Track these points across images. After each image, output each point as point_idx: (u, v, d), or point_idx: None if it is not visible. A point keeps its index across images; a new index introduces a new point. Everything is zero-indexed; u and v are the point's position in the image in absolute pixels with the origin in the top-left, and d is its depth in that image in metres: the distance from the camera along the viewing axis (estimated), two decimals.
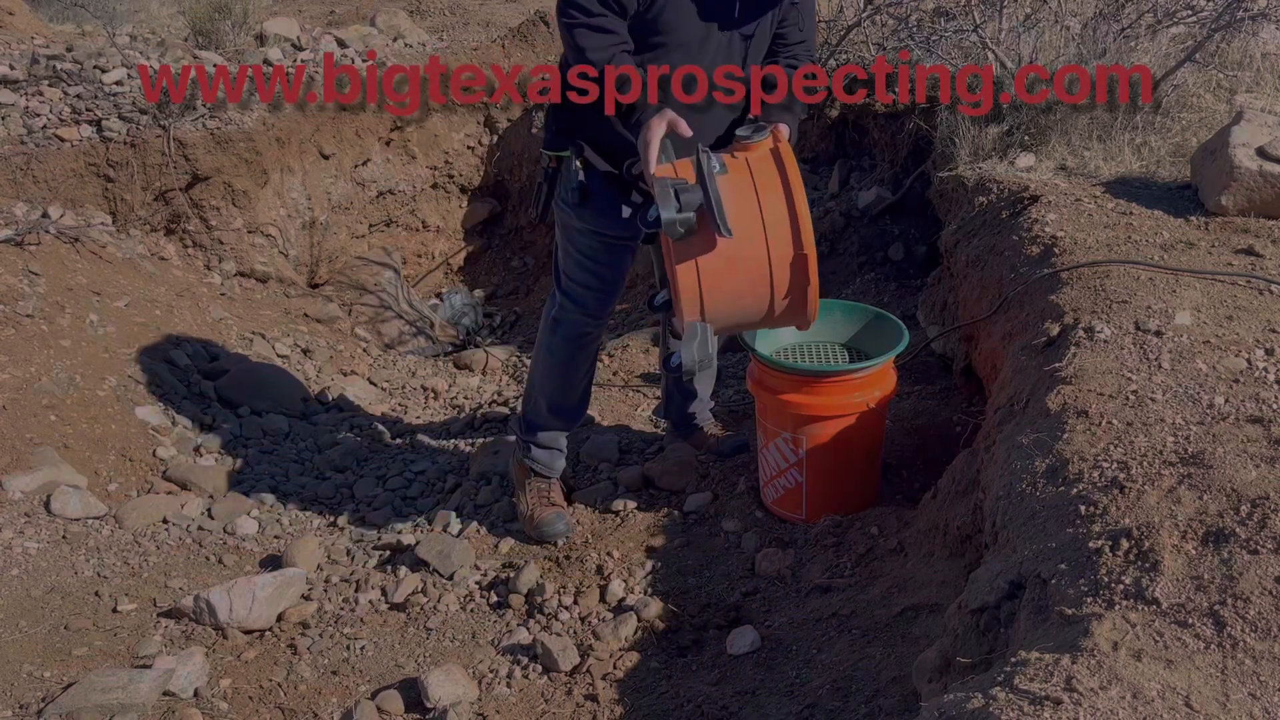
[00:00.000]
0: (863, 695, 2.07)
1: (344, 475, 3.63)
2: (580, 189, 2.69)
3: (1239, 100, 3.40)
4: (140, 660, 2.54)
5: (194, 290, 4.57)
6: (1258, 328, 2.25)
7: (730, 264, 2.21)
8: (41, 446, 3.26)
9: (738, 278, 2.23)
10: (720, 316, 2.28)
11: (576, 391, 3.04)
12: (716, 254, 2.19)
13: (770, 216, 2.21)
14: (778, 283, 2.25)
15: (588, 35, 2.38)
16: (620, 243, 2.80)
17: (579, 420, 3.12)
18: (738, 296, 2.26)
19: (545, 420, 3.06)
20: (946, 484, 2.52)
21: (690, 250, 2.19)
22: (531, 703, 2.36)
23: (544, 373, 3.02)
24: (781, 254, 2.22)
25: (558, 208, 2.81)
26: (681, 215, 2.12)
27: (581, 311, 2.90)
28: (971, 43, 3.87)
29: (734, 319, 2.33)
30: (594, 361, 3.06)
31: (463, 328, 5.51)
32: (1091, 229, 2.84)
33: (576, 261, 2.85)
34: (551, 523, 2.99)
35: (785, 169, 2.24)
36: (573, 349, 2.95)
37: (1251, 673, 1.32)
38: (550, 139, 2.76)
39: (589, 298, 2.88)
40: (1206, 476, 1.70)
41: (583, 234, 2.79)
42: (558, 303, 2.93)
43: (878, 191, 4.45)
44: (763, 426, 2.92)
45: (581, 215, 2.75)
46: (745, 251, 2.21)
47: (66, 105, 4.64)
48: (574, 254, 2.84)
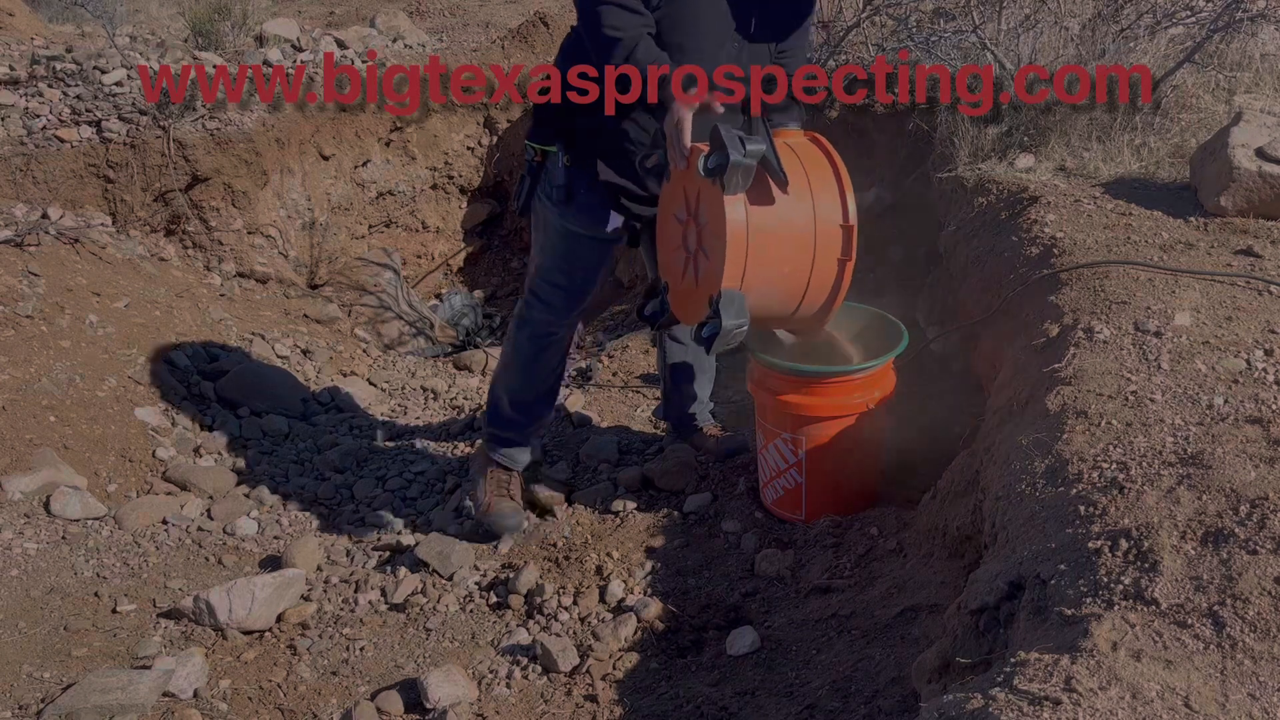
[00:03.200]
0: (862, 696, 2.07)
1: (344, 476, 3.63)
2: (565, 188, 2.66)
3: (1238, 101, 3.40)
4: (140, 661, 2.54)
5: (194, 291, 4.57)
6: (1257, 328, 2.25)
7: (780, 225, 2.22)
8: (41, 447, 3.26)
9: (783, 245, 2.25)
10: (757, 287, 2.27)
11: (539, 389, 3.01)
12: (769, 212, 2.21)
13: (818, 185, 2.26)
14: (820, 257, 2.27)
15: (617, 14, 2.34)
16: (599, 245, 2.77)
17: (541, 417, 3.09)
18: (779, 264, 2.27)
19: (507, 414, 3.04)
20: (946, 484, 2.52)
21: (741, 210, 2.20)
22: (531, 703, 2.36)
23: (505, 367, 3.01)
24: (828, 225, 2.25)
25: (539, 202, 2.77)
26: (747, 160, 2.12)
27: (547, 310, 2.88)
28: (971, 43, 3.86)
29: (767, 297, 2.32)
30: (561, 360, 3.03)
31: (462, 328, 5.51)
32: (1091, 229, 2.84)
33: (551, 259, 2.82)
34: (504, 516, 2.97)
35: (828, 151, 2.32)
36: (536, 348, 2.93)
37: (1251, 673, 1.32)
38: (535, 131, 2.71)
39: (557, 297, 2.85)
40: (1206, 477, 1.70)
41: (561, 232, 2.76)
42: (526, 300, 2.92)
43: (877, 191, 4.45)
44: (763, 427, 2.92)
45: (564, 214, 2.72)
46: (794, 217, 2.23)
47: (66, 106, 4.64)
48: (549, 251, 2.81)
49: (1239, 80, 3.68)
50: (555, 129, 2.69)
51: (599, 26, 2.36)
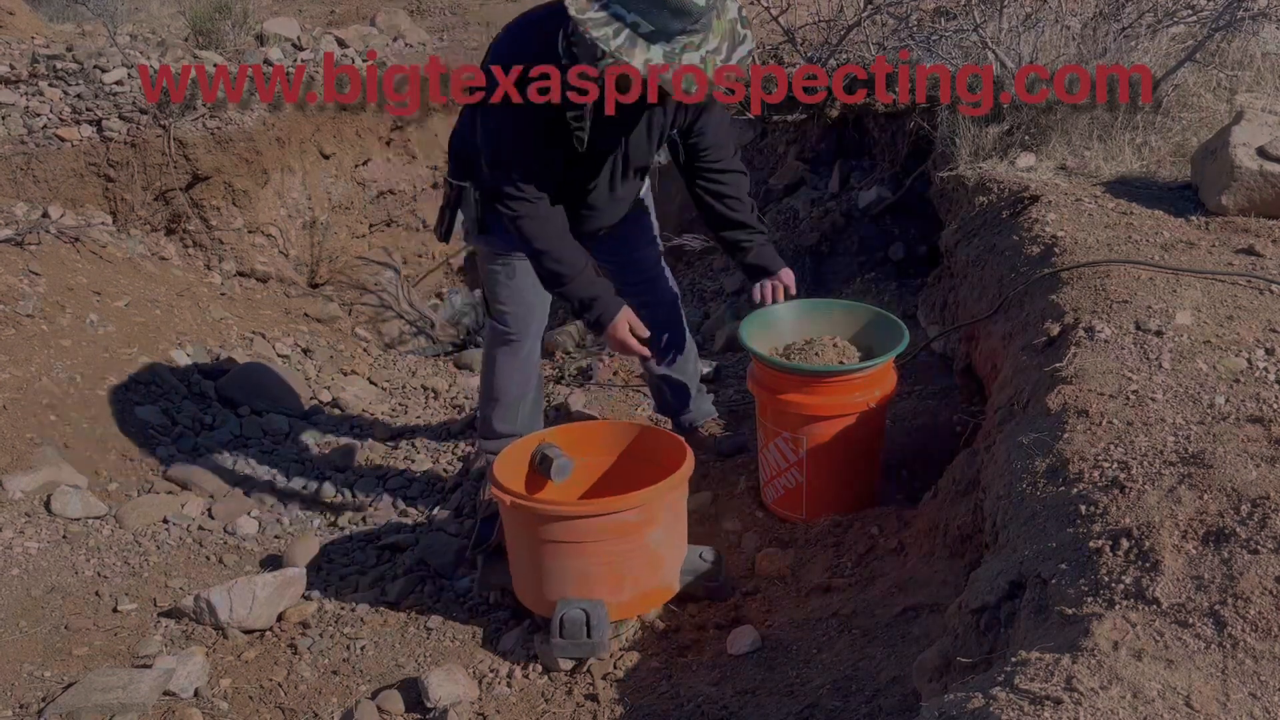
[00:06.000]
0: (863, 695, 2.06)
1: (344, 475, 3.63)
2: (479, 221, 2.82)
3: (1239, 100, 3.40)
4: (140, 660, 2.54)
5: (194, 290, 4.57)
6: (1258, 327, 2.25)
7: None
8: (42, 446, 3.26)
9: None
10: None
11: (517, 405, 3.13)
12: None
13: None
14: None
15: (533, 226, 2.59)
16: (527, 264, 2.87)
17: (531, 429, 3.14)
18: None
19: (495, 425, 3.16)
20: (946, 484, 2.52)
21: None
22: (532, 702, 2.36)
23: (485, 383, 3.17)
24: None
25: (465, 232, 2.93)
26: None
27: (506, 330, 3.02)
28: (971, 42, 3.86)
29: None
30: (534, 375, 3.16)
31: (463, 327, 5.51)
32: (1092, 229, 2.84)
33: (490, 285, 2.98)
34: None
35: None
36: (506, 364, 3.06)
37: (1252, 672, 1.32)
38: (453, 168, 2.88)
39: (508, 319, 3.00)
40: (1207, 476, 1.70)
41: (489, 258, 2.93)
42: (488, 324, 3.08)
43: (878, 191, 4.45)
44: (763, 426, 2.91)
45: (487, 241, 2.87)
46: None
47: (67, 105, 4.64)
48: (487, 277, 2.98)
49: (1240, 79, 3.68)
50: (461, 164, 2.84)
51: (518, 237, 2.63)
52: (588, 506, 2.53)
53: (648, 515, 2.44)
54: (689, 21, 2.24)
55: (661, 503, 2.45)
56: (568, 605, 2.41)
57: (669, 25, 2.23)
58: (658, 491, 2.42)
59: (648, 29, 2.24)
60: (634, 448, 2.75)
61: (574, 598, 2.42)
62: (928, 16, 4.36)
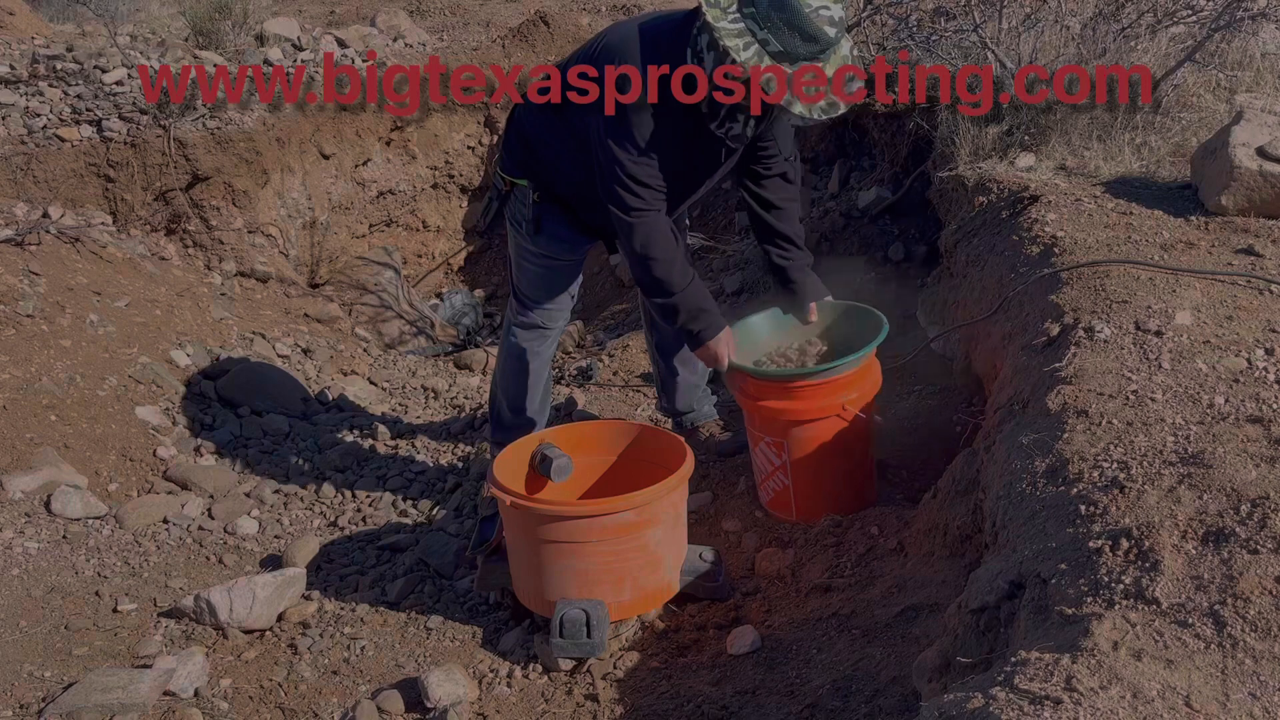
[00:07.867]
0: (863, 695, 2.06)
1: (344, 475, 3.63)
2: (534, 221, 2.84)
3: (1239, 100, 3.39)
4: (140, 660, 2.54)
5: (194, 290, 4.56)
6: (1258, 327, 2.25)
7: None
8: (42, 446, 3.26)
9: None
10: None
11: (533, 397, 3.15)
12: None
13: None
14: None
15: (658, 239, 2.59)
16: (570, 264, 2.98)
17: (537, 427, 3.16)
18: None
19: (508, 419, 3.18)
20: (946, 484, 2.52)
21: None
22: (531, 702, 2.36)
23: (502, 373, 3.17)
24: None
25: (510, 227, 2.95)
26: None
27: (530, 324, 3.06)
28: (971, 43, 3.86)
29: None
30: (548, 369, 3.19)
31: (463, 328, 5.51)
32: (1091, 229, 2.84)
33: (525, 281, 3.02)
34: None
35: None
36: (526, 357, 3.08)
37: (1251, 672, 1.32)
38: (508, 164, 2.87)
39: (537, 314, 3.05)
40: (1206, 476, 1.70)
41: (534, 256, 2.94)
42: (514, 308, 3.08)
43: (878, 191, 4.45)
44: (749, 431, 2.93)
45: (535, 242, 2.89)
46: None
47: (67, 105, 4.63)
48: (523, 273, 3.01)
49: (1240, 79, 3.68)
50: (520, 161, 2.82)
51: (638, 257, 2.61)
52: (587, 507, 2.53)
53: (648, 515, 2.44)
54: (816, 49, 2.33)
55: (661, 503, 2.45)
56: (567, 605, 2.41)
57: (797, 49, 2.32)
58: (658, 491, 2.42)
59: (776, 48, 2.32)
60: (634, 448, 2.75)
61: (574, 598, 2.43)
62: (927, 17, 4.35)
